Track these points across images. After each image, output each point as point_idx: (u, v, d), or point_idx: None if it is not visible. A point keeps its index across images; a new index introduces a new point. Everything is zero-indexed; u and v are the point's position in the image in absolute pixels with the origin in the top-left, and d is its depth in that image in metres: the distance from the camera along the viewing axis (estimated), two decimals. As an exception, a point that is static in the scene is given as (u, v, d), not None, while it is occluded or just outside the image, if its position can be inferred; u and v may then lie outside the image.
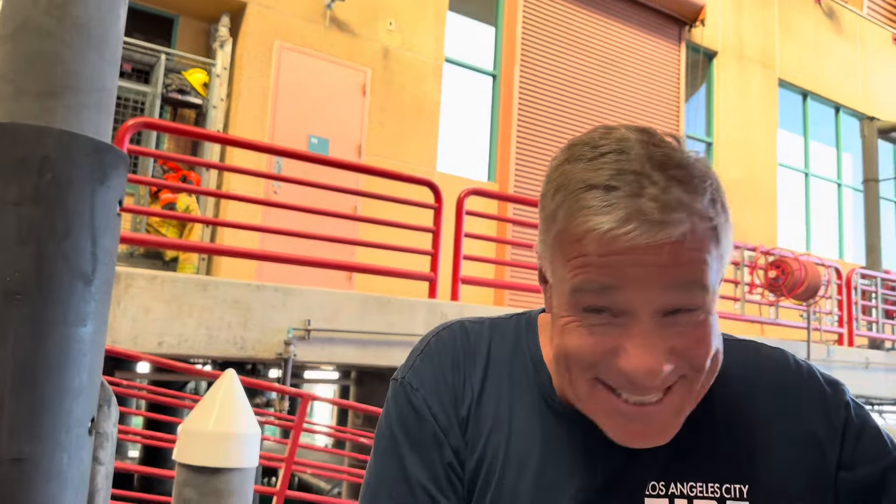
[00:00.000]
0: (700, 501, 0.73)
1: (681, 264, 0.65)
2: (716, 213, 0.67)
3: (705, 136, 10.39)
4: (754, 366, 0.80)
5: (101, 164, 1.60)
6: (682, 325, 0.66)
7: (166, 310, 3.98)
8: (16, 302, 1.46)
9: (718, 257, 0.67)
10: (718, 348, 0.69)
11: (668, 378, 0.66)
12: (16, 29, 1.62)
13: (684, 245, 0.64)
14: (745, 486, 0.74)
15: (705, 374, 0.68)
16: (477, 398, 0.80)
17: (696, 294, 0.66)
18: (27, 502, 1.48)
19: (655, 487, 0.74)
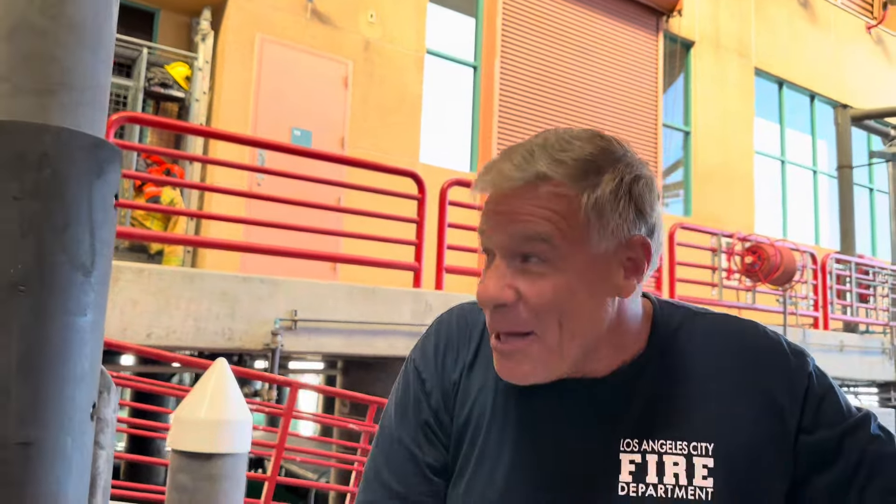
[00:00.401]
0: (669, 456, 0.81)
1: (522, 215, 0.78)
2: (581, 186, 0.79)
3: (683, 126, 10.52)
4: (724, 335, 0.88)
5: (98, 159, 1.66)
6: (529, 274, 0.79)
7: (154, 302, 4.02)
8: (19, 293, 1.51)
9: (582, 225, 0.79)
10: (571, 317, 0.79)
11: (515, 318, 0.79)
12: (11, 29, 1.67)
13: (528, 200, 0.79)
14: (711, 445, 0.81)
15: (552, 329, 0.79)
16: (468, 367, 0.92)
17: (535, 245, 0.78)
18: (35, 484, 1.54)
19: (630, 444, 0.82)
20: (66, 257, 1.58)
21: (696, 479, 0.80)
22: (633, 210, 0.81)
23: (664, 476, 0.81)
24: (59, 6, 1.69)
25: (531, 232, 0.78)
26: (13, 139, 1.56)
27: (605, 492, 0.81)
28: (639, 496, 0.80)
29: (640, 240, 0.82)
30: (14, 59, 1.66)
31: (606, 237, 0.80)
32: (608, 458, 0.83)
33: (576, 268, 0.79)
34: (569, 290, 0.78)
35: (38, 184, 1.56)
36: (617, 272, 0.81)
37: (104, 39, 1.81)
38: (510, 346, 0.81)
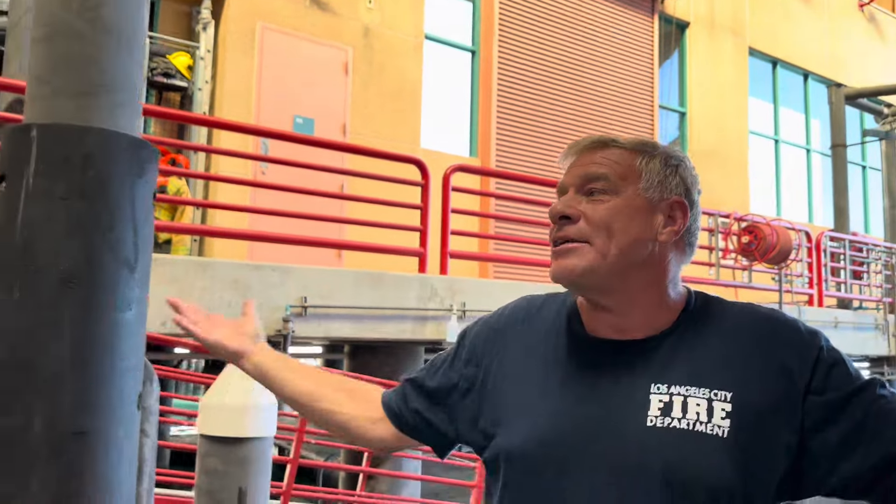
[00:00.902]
0: (692, 398, 0.96)
1: (591, 164, 1.04)
2: (639, 151, 1.05)
3: (678, 107, 10.57)
4: (747, 314, 1.04)
5: (138, 158, 1.71)
6: (590, 202, 1.03)
7: (167, 290, 4.08)
8: (70, 289, 1.58)
9: (631, 175, 1.03)
10: (619, 233, 1.00)
11: (574, 228, 1.02)
12: (49, 32, 1.71)
13: (597, 154, 1.05)
14: (730, 394, 0.96)
15: (603, 238, 1.00)
16: (517, 341, 1.14)
17: (596, 182, 1.03)
18: (90, 473, 1.61)
19: (660, 388, 0.98)
20: (112, 255, 1.65)
21: (715, 418, 0.94)
22: (677, 178, 1.05)
23: (687, 413, 0.95)
24: (95, 9, 1.74)
25: (595, 173, 1.03)
26: (57, 141, 1.62)
27: (635, 422, 0.96)
28: (665, 427, 0.95)
29: (680, 200, 1.04)
30: (53, 62, 1.72)
31: (653, 187, 1.03)
32: (640, 397, 0.98)
33: (626, 198, 1.01)
34: (618, 212, 1.01)
35: (83, 184, 1.63)
36: (658, 218, 1.02)
37: (138, 41, 1.87)
38: (567, 247, 1.02)
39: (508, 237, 6.86)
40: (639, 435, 0.95)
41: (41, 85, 1.70)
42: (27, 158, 1.66)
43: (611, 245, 0.99)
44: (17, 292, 1.59)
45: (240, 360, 1.38)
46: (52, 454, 1.55)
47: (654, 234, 1.02)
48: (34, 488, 1.53)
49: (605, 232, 1.00)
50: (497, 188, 7.76)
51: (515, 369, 1.09)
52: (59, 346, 1.56)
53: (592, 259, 0.99)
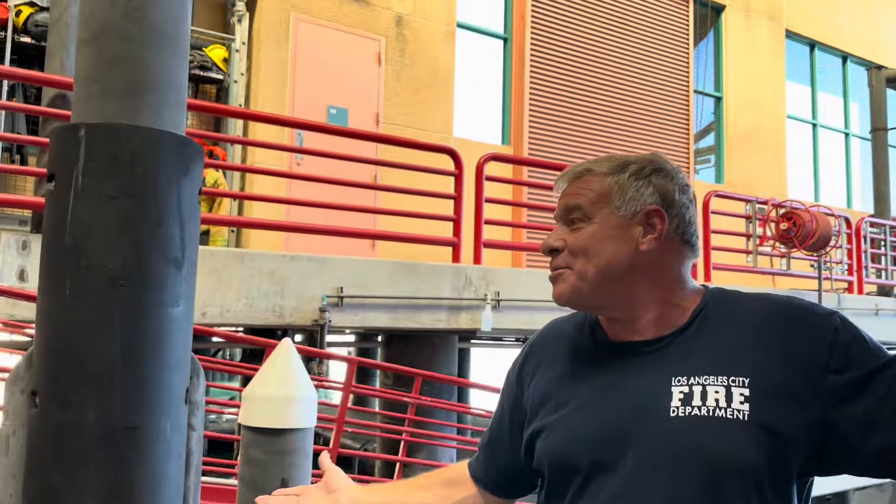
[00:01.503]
0: (711, 386, 1.00)
1: (569, 196, 1.14)
2: (612, 173, 1.12)
3: (714, 91, 10.40)
4: (763, 302, 1.08)
5: (184, 157, 1.73)
6: (571, 231, 1.12)
7: (207, 282, 4.14)
8: (119, 287, 1.60)
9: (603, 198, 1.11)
10: (595, 255, 1.09)
11: (560, 258, 1.11)
12: (97, 33, 1.74)
13: (575, 186, 1.14)
14: (747, 379, 0.99)
15: (582, 263, 1.09)
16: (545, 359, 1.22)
17: (574, 212, 1.12)
18: (141, 466, 1.65)
19: (679, 380, 1.03)
20: (161, 252, 1.68)
21: (734, 403, 0.98)
22: (650, 188, 1.10)
23: (707, 400, 0.99)
24: (141, 10, 1.76)
25: (570, 204, 1.13)
26: (105, 140, 1.64)
27: (659, 414, 1.01)
28: (686, 415, 0.99)
29: (654, 208, 1.09)
30: (101, 63, 1.74)
31: (625, 203, 1.09)
32: (662, 391, 1.03)
33: (599, 221, 1.10)
34: (591, 237, 1.09)
35: (132, 183, 1.65)
36: (636, 230, 1.09)
37: (182, 40, 1.89)
38: (556, 273, 1.13)
39: (541, 226, 6.83)
40: (663, 426, 1.00)
41: (89, 85, 1.73)
42: (76, 158, 1.69)
43: (588, 267, 1.09)
44: (68, 290, 1.62)
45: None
46: (105, 448, 1.58)
47: (635, 245, 1.08)
48: (88, 482, 1.57)
49: (584, 257, 1.09)
50: (530, 176, 7.72)
51: (550, 381, 1.17)
52: (109, 343, 1.59)
53: (574, 282, 1.10)
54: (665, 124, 9.37)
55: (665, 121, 9.39)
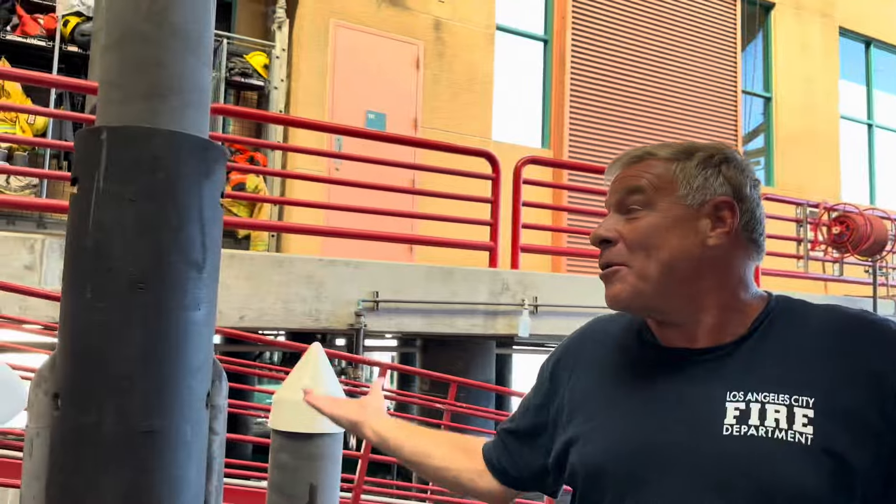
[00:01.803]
0: (771, 405, 0.90)
1: (628, 179, 1.02)
2: (676, 159, 1.01)
3: (763, 91, 10.14)
4: (832, 315, 0.97)
5: (206, 159, 1.72)
6: (628, 221, 1.01)
7: (245, 286, 4.18)
8: (139, 291, 1.60)
9: (667, 184, 1.00)
10: (657, 250, 0.97)
11: (614, 252, 1.00)
12: (120, 37, 1.74)
13: (634, 169, 1.03)
14: (812, 399, 0.89)
15: (642, 259, 0.98)
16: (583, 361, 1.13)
17: (633, 196, 1.01)
18: (160, 470, 1.64)
19: (735, 395, 0.93)
20: (181, 256, 1.66)
21: (797, 425, 0.88)
22: (720, 178, 1.00)
23: (766, 420, 0.89)
24: (163, 13, 1.76)
25: (630, 186, 1.01)
26: (126, 144, 1.64)
27: (711, 432, 0.92)
28: (742, 435, 0.90)
29: (725, 200, 0.99)
30: (124, 67, 1.74)
31: (693, 192, 0.98)
32: (715, 406, 0.93)
33: (663, 210, 0.98)
34: (655, 228, 0.98)
35: (152, 186, 1.64)
36: (703, 223, 0.98)
37: (204, 43, 1.88)
38: (610, 272, 1.00)
39: (582, 230, 6.73)
40: (714, 445, 0.91)
41: (112, 89, 1.73)
42: (97, 161, 1.70)
43: (649, 263, 0.98)
44: (89, 293, 1.62)
45: (360, 428, 1.39)
46: (123, 451, 1.58)
47: (702, 239, 0.98)
48: (107, 484, 1.56)
49: (643, 251, 0.98)
50: (570, 180, 7.62)
51: (588, 387, 1.08)
52: (128, 346, 1.59)
53: (633, 282, 0.98)
54: (712, 126, 9.16)
55: (712, 123, 9.18)
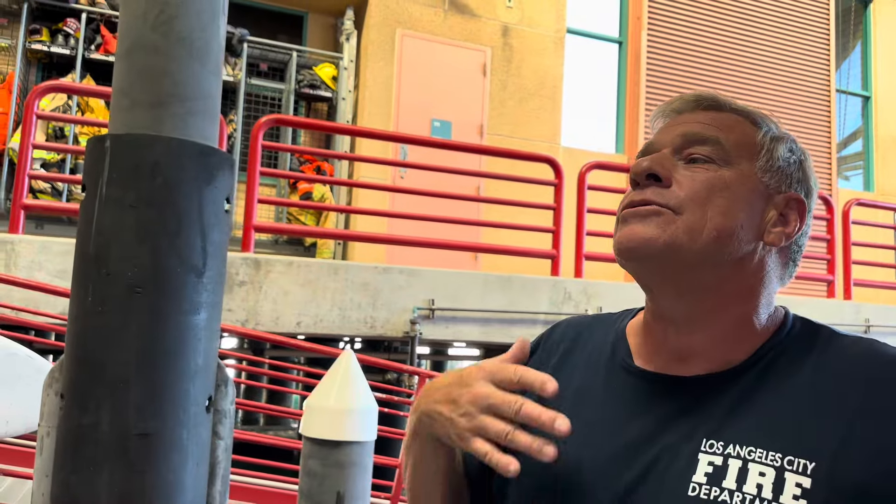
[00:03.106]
0: (756, 465, 0.70)
1: (698, 123, 0.82)
2: (760, 126, 0.83)
3: (861, 90, 9.52)
4: (864, 354, 0.75)
5: (207, 165, 1.74)
6: (688, 169, 0.79)
7: (302, 292, 4.24)
8: (136, 295, 1.62)
9: (749, 149, 0.81)
10: (719, 211, 0.77)
11: (658, 192, 0.78)
12: (129, 47, 1.79)
13: (708, 116, 0.82)
14: (812, 463, 0.68)
15: (696, 213, 0.77)
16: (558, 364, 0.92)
17: (704, 146, 0.80)
18: (153, 473, 1.65)
19: (713, 445, 0.73)
20: (179, 260, 1.68)
21: (785, 496, 0.67)
22: (801, 172, 0.83)
23: (745, 485, 0.69)
24: (169, 23, 1.79)
25: (702, 134, 0.80)
26: (129, 151, 1.67)
27: (674, 488, 0.73)
28: (709, 499, 0.70)
29: (800, 198, 0.82)
30: (131, 75, 1.78)
31: (772, 171, 0.80)
32: (685, 455, 0.74)
33: (738, 173, 0.79)
34: (724, 187, 0.77)
35: (152, 192, 1.67)
36: (770, 212, 0.80)
37: (213, 51, 1.90)
38: (648, 210, 0.78)
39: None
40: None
41: (121, 98, 1.77)
42: (102, 168, 1.74)
43: (704, 222, 0.76)
44: (90, 297, 1.66)
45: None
46: (118, 454, 1.60)
47: (762, 230, 0.79)
48: (101, 485, 1.59)
49: (701, 206, 0.76)
50: (647, 186, 7.36)
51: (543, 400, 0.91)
52: (125, 349, 1.61)
53: (678, 233, 0.76)
54: (803, 128, 8.67)
55: (803, 125, 8.68)
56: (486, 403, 0.73)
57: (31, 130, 4.27)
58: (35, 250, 3.90)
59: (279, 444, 4.04)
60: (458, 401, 0.76)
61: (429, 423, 0.81)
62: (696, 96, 0.85)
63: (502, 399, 0.73)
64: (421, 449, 0.85)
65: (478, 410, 0.73)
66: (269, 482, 3.57)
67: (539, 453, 0.69)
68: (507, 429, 0.71)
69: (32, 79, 6.28)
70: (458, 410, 0.75)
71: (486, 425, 0.72)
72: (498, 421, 0.72)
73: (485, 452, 0.71)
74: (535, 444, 0.70)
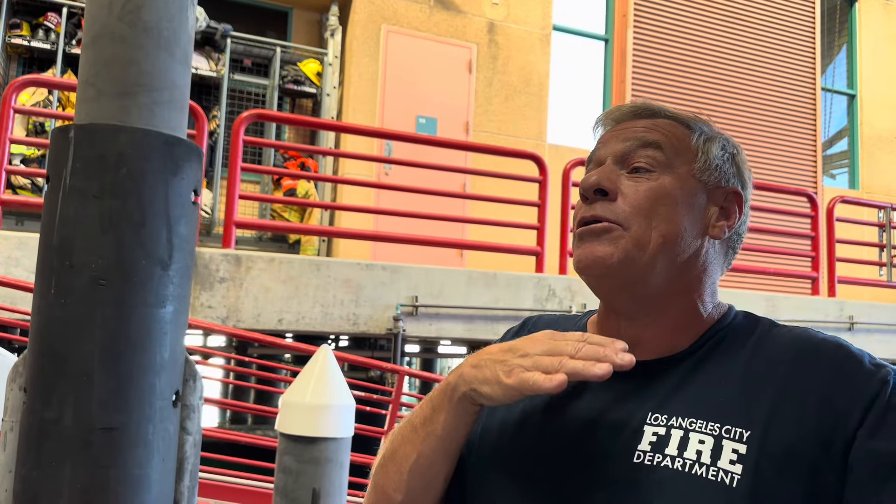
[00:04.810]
0: (696, 434, 0.76)
1: (640, 130, 0.87)
2: (694, 129, 0.88)
3: (847, 89, 9.56)
4: (796, 341, 0.82)
5: (174, 156, 1.71)
6: (631, 179, 0.85)
7: (284, 289, 4.21)
8: (100, 287, 1.59)
9: (688, 152, 0.87)
10: (663, 220, 0.82)
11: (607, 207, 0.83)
12: (95, 36, 1.75)
13: (647, 122, 0.88)
14: (747, 432, 0.75)
15: (642, 225, 0.82)
16: None
17: (647, 151, 0.85)
18: (118, 468, 1.62)
19: (657, 418, 0.79)
20: (144, 252, 1.65)
21: (723, 460, 0.74)
22: (734, 167, 0.89)
23: (686, 451, 0.76)
24: (136, 12, 1.76)
25: (647, 139, 0.86)
26: (93, 141, 1.64)
27: (620, 458, 0.79)
28: (653, 465, 0.76)
29: (738, 191, 0.89)
30: (97, 65, 1.75)
31: (710, 170, 0.86)
32: (631, 428, 0.80)
33: (679, 178, 0.84)
34: (665, 194, 0.83)
35: (116, 182, 1.64)
36: (711, 209, 0.86)
37: (181, 41, 1.87)
38: (599, 228, 0.83)
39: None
40: (621, 473, 0.77)
41: (87, 88, 1.74)
42: (66, 158, 1.71)
43: (651, 233, 0.82)
44: (53, 289, 1.63)
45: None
46: (81, 448, 1.57)
47: (706, 225, 0.85)
48: (64, 480, 1.56)
49: (646, 216, 0.82)
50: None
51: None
52: (88, 342, 1.58)
53: (628, 248, 0.82)
54: (788, 127, 8.70)
55: (788, 123, 8.71)
56: (551, 342, 0.77)
57: (9, 125, 4.22)
58: (13, 246, 3.86)
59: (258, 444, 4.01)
60: (517, 347, 0.78)
61: (471, 376, 0.80)
62: (633, 106, 0.91)
63: (564, 336, 0.77)
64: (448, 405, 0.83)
65: (538, 351, 0.76)
66: (245, 480, 3.54)
67: (594, 367, 0.73)
68: (570, 350, 0.74)
69: (13, 73, 6.22)
70: (517, 353, 0.77)
71: (542, 358, 0.75)
72: (554, 354, 0.75)
73: (532, 377, 0.73)
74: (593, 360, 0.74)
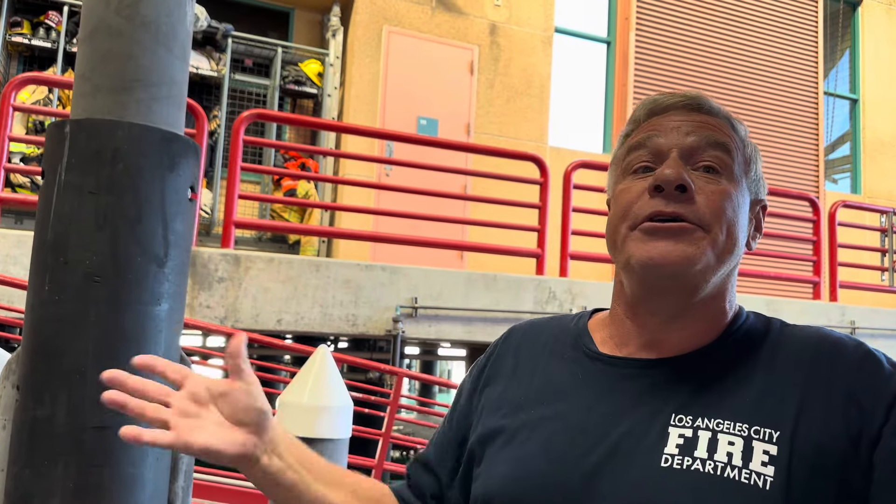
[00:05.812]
0: (724, 435, 0.74)
1: (710, 126, 0.83)
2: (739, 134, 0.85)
3: (849, 93, 9.55)
4: (813, 339, 0.81)
5: (170, 152, 1.69)
6: (704, 181, 0.80)
7: (283, 289, 4.19)
8: (95, 283, 1.57)
9: (743, 161, 0.84)
10: (733, 228, 0.80)
11: (690, 208, 0.78)
12: (91, 31, 1.74)
13: (713, 116, 0.84)
14: (776, 432, 0.73)
15: (718, 230, 0.78)
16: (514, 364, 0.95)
17: (719, 152, 0.81)
18: (112, 466, 1.60)
19: (682, 420, 0.77)
20: (140, 249, 1.63)
21: (754, 462, 0.72)
22: (762, 178, 0.88)
23: (716, 453, 0.73)
24: (134, 6, 1.74)
25: (717, 139, 0.81)
26: (89, 136, 1.62)
27: (646, 462, 0.75)
28: (683, 469, 0.73)
29: (765, 203, 0.88)
30: (94, 59, 1.73)
31: (755, 182, 0.86)
32: (656, 429, 0.77)
33: (738, 186, 0.82)
34: (734, 202, 0.80)
35: (112, 178, 1.62)
36: (751, 220, 0.86)
37: (179, 37, 1.85)
38: (680, 227, 0.78)
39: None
40: (648, 478, 0.74)
41: (84, 82, 1.73)
42: (61, 154, 1.69)
43: (726, 239, 0.79)
44: (47, 285, 1.61)
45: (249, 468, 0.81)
46: (74, 446, 1.55)
47: (749, 238, 0.86)
48: (56, 478, 1.54)
49: (722, 221, 0.79)
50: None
51: (503, 398, 0.90)
52: (83, 340, 1.56)
53: (707, 251, 0.78)
54: (790, 131, 8.68)
55: (790, 127, 8.69)
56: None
57: (8, 123, 4.21)
58: (10, 245, 3.84)
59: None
60: None
61: None
62: (696, 98, 0.85)
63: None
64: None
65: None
66: (240, 481, 3.52)
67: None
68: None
69: (13, 72, 6.21)
70: None
71: None
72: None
73: None
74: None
